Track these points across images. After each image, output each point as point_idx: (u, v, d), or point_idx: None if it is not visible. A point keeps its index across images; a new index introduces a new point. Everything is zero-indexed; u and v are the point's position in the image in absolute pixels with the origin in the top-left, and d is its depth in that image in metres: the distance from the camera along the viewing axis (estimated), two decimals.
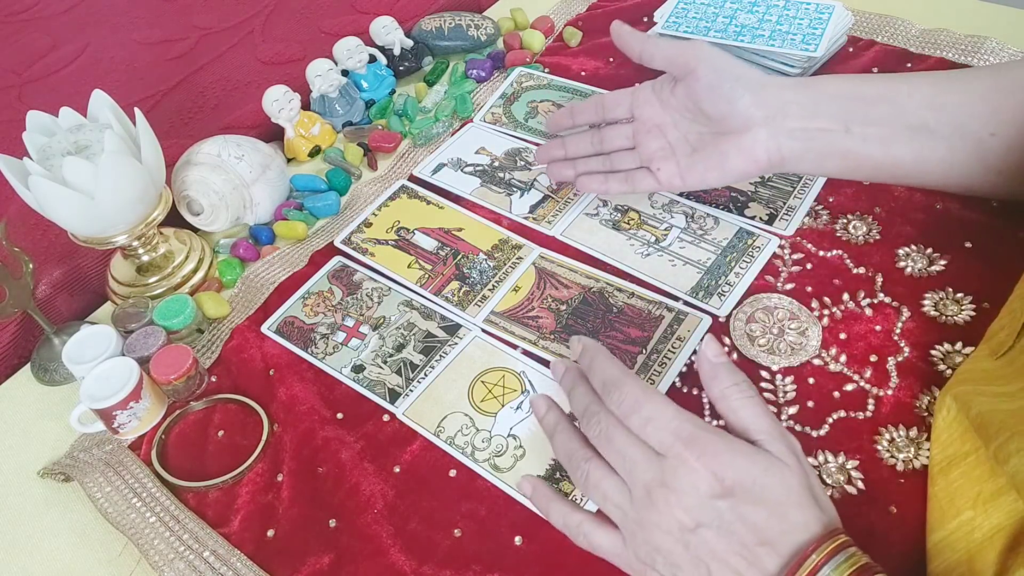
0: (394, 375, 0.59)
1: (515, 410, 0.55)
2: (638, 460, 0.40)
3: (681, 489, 0.39)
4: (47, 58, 0.96)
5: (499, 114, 0.80)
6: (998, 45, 0.75)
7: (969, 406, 0.41)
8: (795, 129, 0.55)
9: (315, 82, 0.80)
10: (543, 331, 0.60)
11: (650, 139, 0.60)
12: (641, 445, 0.41)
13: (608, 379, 0.43)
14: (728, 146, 0.56)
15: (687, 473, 0.39)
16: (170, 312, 0.62)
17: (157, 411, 0.59)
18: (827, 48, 0.75)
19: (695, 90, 0.56)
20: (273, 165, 0.73)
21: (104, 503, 0.54)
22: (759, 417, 0.41)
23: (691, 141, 0.59)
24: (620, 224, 0.66)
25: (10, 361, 0.66)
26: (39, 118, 0.63)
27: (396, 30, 0.86)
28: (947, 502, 0.43)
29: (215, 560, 0.50)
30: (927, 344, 0.54)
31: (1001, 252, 0.59)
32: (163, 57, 0.93)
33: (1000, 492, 0.39)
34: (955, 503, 0.42)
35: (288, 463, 0.55)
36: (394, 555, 0.49)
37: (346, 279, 0.66)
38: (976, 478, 0.41)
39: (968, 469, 0.42)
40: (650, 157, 0.60)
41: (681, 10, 0.82)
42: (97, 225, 0.62)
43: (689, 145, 0.59)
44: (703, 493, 0.38)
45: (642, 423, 0.41)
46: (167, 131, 0.81)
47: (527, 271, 0.64)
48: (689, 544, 0.39)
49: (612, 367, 0.44)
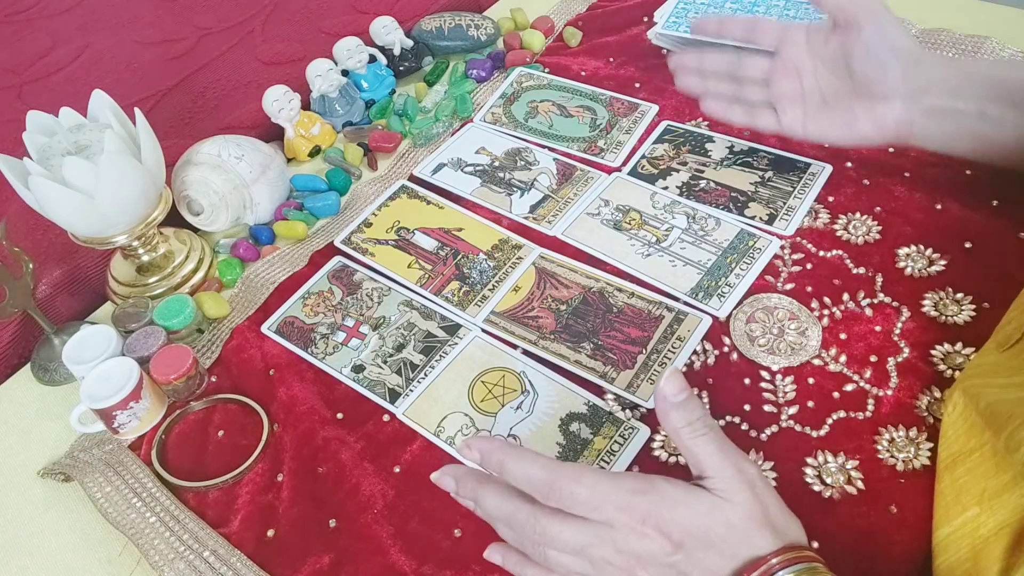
0: (394, 375, 0.59)
1: (515, 410, 0.55)
2: (591, 540, 0.40)
3: (637, 554, 0.39)
4: (47, 58, 0.96)
5: (499, 114, 0.80)
6: (998, 45, 0.75)
7: (978, 399, 0.41)
8: (932, 108, 0.54)
9: (315, 82, 0.80)
10: (543, 331, 0.60)
11: (785, 79, 0.60)
12: (588, 526, 0.40)
13: (534, 480, 0.41)
14: (860, 108, 0.56)
15: (638, 539, 0.39)
16: (170, 312, 0.62)
17: (157, 411, 0.59)
18: None
19: (851, 45, 0.56)
20: (273, 165, 0.73)
21: (104, 503, 0.54)
22: (710, 456, 0.40)
23: (824, 93, 0.58)
24: (621, 224, 0.66)
25: (10, 361, 0.66)
26: (39, 118, 0.63)
27: (396, 30, 0.86)
28: (952, 499, 0.43)
29: (215, 560, 0.50)
30: (927, 344, 0.54)
31: (1001, 252, 0.59)
32: (163, 57, 0.93)
33: (1005, 489, 0.39)
34: (960, 500, 0.42)
35: (288, 463, 0.55)
36: (394, 555, 0.49)
37: (346, 279, 0.66)
38: (981, 475, 0.41)
39: (973, 466, 0.42)
40: (779, 97, 0.60)
41: (681, 10, 0.81)
42: (97, 225, 0.62)
43: (821, 96, 0.59)
44: (656, 554, 0.39)
45: (588, 511, 0.40)
46: (167, 131, 0.81)
47: (527, 271, 0.64)
48: None
49: (529, 465, 0.41)
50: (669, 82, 0.79)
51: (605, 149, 0.74)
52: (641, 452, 0.52)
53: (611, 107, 0.78)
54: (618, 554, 0.39)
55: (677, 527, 0.39)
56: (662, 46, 0.84)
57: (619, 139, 0.74)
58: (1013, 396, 0.39)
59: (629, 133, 0.75)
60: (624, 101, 0.78)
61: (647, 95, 0.78)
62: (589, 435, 0.53)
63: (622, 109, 0.77)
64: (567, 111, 0.78)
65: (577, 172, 0.72)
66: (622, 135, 0.75)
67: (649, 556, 0.39)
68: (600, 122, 0.76)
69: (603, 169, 0.72)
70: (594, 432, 0.53)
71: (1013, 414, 0.39)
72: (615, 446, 0.52)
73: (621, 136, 0.74)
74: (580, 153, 0.74)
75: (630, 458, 0.51)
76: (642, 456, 0.52)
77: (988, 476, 0.40)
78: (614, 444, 0.52)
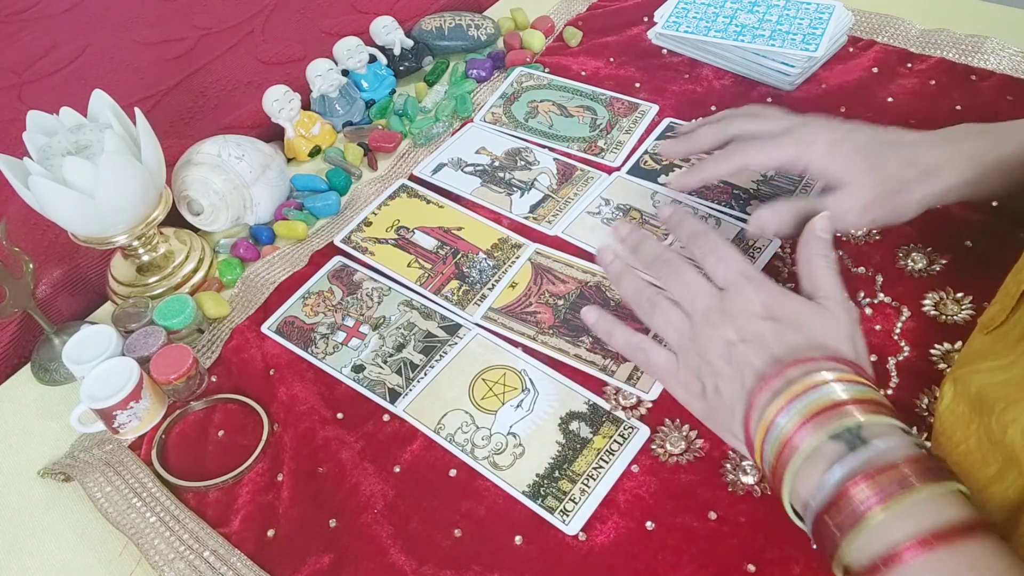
0: (394, 375, 0.59)
1: (515, 408, 0.55)
2: (702, 290, 0.47)
3: (734, 312, 0.45)
4: (47, 58, 0.96)
5: (499, 114, 0.80)
6: (998, 45, 0.75)
7: (968, 385, 0.41)
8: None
9: (315, 82, 0.80)
10: (542, 326, 0.60)
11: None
12: (706, 280, 0.48)
13: (696, 231, 0.51)
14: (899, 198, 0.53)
15: (743, 301, 0.45)
16: (170, 312, 0.62)
17: (157, 411, 0.59)
18: (827, 48, 0.75)
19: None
20: (273, 165, 0.73)
21: (104, 503, 0.54)
22: (831, 282, 0.46)
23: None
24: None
25: (10, 361, 0.66)
26: (39, 118, 0.63)
27: (396, 30, 0.86)
28: None
29: (215, 560, 0.50)
30: (927, 344, 0.54)
31: (1001, 252, 0.58)
32: (163, 57, 0.93)
33: (991, 482, 0.39)
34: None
35: (288, 463, 0.55)
36: (394, 555, 0.49)
37: (346, 279, 0.66)
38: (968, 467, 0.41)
39: (960, 459, 0.42)
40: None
41: (681, 10, 0.82)
42: (97, 225, 0.62)
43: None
44: (752, 315, 0.44)
45: (715, 262, 0.48)
46: (167, 131, 0.81)
47: (523, 267, 0.64)
48: (731, 357, 0.44)
49: (699, 224, 0.52)
50: (669, 82, 0.80)
51: (605, 149, 0.74)
52: (641, 452, 0.52)
53: (611, 107, 0.78)
54: (719, 312, 0.45)
55: (780, 306, 0.45)
56: (662, 46, 0.84)
57: (619, 139, 0.74)
58: (999, 379, 0.40)
59: (629, 133, 0.75)
60: (624, 101, 0.78)
61: (647, 95, 0.78)
62: (589, 434, 0.53)
63: (622, 109, 0.77)
64: (567, 111, 0.78)
65: (577, 172, 0.72)
66: (622, 135, 0.75)
67: (743, 314, 0.44)
68: (600, 122, 0.76)
69: (603, 169, 0.72)
70: (594, 431, 0.53)
71: (998, 397, 0.39)
72: (615, 445, 0.52)
73: (621, 136, 0.74)
74: (580, 153, 0.74)
75: (630, 457, 0.51)
76: (642, 455, 0.52)
77: (976, 469, 0.40)
78: (613, 443, 0.52)
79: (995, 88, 0.72)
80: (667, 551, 0.47)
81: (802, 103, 0.74)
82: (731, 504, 0.49)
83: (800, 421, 0.39)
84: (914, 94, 0.73)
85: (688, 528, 0.48)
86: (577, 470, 0.51)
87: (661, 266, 0.51)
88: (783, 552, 0.46)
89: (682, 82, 0.79)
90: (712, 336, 0.45)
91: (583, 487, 0.50)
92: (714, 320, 0.45)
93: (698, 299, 0.47)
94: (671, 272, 0.49)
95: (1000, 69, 0.74)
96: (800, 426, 0.39)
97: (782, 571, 0.45)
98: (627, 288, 0.52)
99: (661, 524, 0.48)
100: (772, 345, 0.43)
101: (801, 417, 0.39)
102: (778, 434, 0.40)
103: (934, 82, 0.74)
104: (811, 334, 0.43)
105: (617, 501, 0.50)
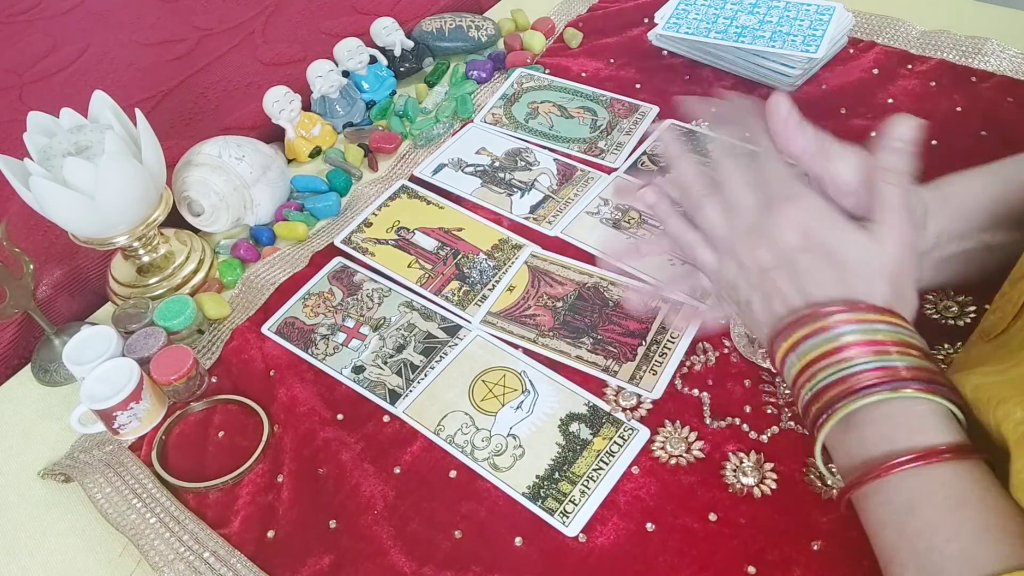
0: (394, 376, 0.59)
1: (515, 409, 0.55)
2: (750, 204, 0.45)
3: (772, 235, 0.43)
4: (48, 59, 0.96)
5: (500, 115, 0.80)
6: (999, 46, 0.75)
7: (964, 386, 0.41)
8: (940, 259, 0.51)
9: (316, 83, 0.80)
10: (541, 328, 0.60)
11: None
12: (755, 194, 0.45)
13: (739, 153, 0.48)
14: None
15: (785, 224, 0.43)
16: (170, 313, 0.62)
17: (157, 412, 0.59)
18: (827, 49, 0.75)
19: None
20: (274, 166, 0.73)
21: (104, 504, 0.54)
22: (894, 205, 0.42)
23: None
24: (620, 223, 0.66)
25: (10, 361, 0.66)
26: (40, 119, 0.63)
27: (397, 31, 0.86)
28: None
29: (215, 561, 0.50)
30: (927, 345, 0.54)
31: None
32: (164, 58, 0.93)
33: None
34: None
35: (288, 464, 0.55)
36: (394, 556, 0.49)
37: (346, 280, 0.66)
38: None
39: None
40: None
41: (682, 11, 0.82)
42: (97, 226, 0.62)
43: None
44: (789, 242, 0.43)
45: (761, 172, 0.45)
46: (168, 132, 0.81)
47: (520, 271, 0.64)
48: (763, 282, 0.44)
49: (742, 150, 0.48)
50: (669, 83, 0.80)
51: (605, 150, 0.74)
52: (641, 453, 0.52)
53: (611, 108, 0.78)
54: (758, 232, 0.44)
55: (819, 232, 0.42)
56: (662, 47, 0.84)
57: (619, 140, 0.74)
58: (996, 379, 0.40)
59: (629, 134, 0.75)
60: (624, 102, 0.78)
61: (647, 96, 0.78)
62: (589, 435, 0.53)
63: (622, 110, 0.77)
64: (567, 112, 0.78)
65: (577, 173, 0.72)
66: (622, 136, 0.75)
67: (781, 240, 0.43)
68: (600, 123, 0.77)
69: (603, 170, 0.72)
70: (594, 432, 0.53)
71: (991, 396, 0.39)
72: (615, 447, 0.52)
73: (621, 137, 0.74)
74: (580, 154, 0.74)
75: (630, 458, 0.51)
76: (642, 457, 0.52)
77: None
78: (613, 445, 0.52)
79: (995, 89, 0.72)
80: (667, 552, 0.47)
81: (802, 104, 0.73)
82: (731, 505, 0.49)
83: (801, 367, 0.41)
84: (914, 95, 0.73)
85: (688, 529, 0.48)
86: (577, 471, 0.51)
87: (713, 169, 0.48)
88: (784, 554, 0.46)
89: (682, 83, 0.79)
90: (750, 255, 0.44)
91: (583, 488, 0.50)
92: (752, 238, 0.44)
93: (740, 213, 0.45)
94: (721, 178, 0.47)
95: (1000, 71, 0.74)
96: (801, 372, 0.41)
97: (783, 572, 0.45)
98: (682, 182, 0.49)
99: (661, 525, 0.48)
100: (802, 277, 0.42)
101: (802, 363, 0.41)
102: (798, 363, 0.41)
103: (934, 83, 0.74)
104: (845, 269, 0.42)
105: (617, 502, 0.50)
